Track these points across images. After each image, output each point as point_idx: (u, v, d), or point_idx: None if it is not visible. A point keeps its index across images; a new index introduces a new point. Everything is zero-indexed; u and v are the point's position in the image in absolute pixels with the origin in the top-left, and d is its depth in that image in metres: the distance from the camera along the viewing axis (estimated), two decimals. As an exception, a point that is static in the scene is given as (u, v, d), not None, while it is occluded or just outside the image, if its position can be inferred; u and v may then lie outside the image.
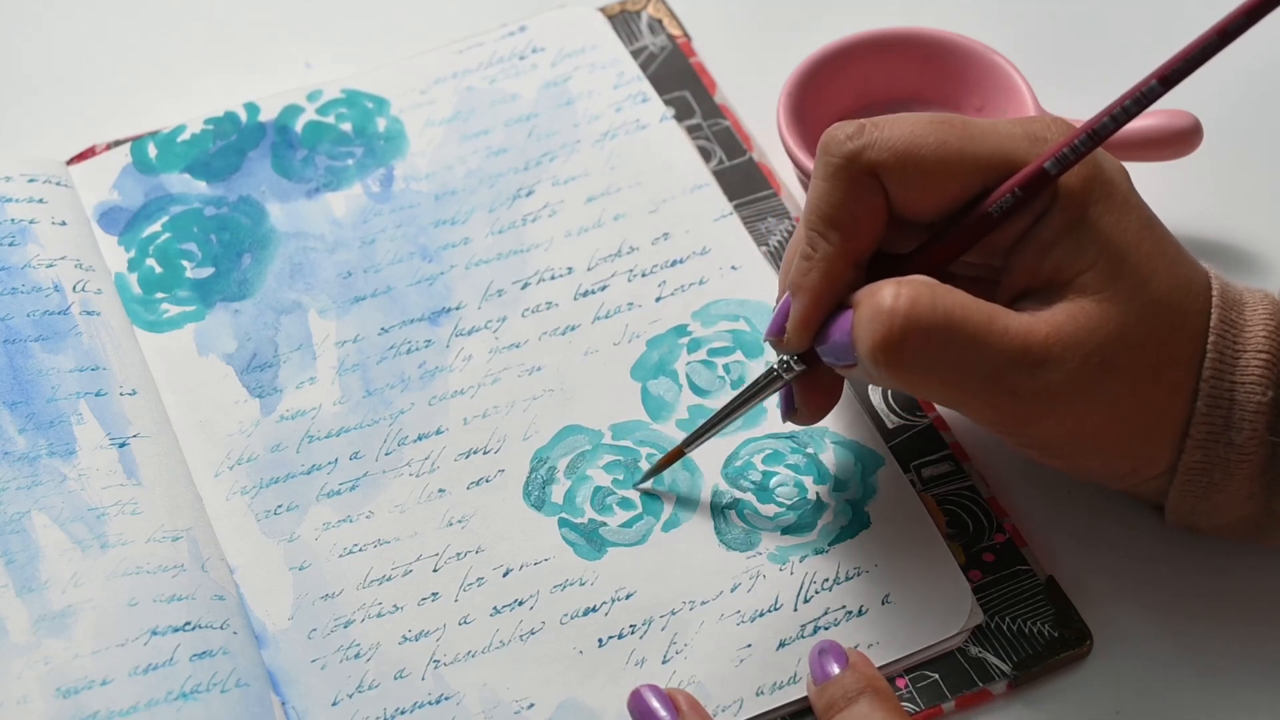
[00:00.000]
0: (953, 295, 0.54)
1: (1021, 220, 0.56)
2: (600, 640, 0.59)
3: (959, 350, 0.54)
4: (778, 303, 0.58)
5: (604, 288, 0.69)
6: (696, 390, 0.65)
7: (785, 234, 0.70)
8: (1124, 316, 0.54)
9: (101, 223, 0.71)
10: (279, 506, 0.63)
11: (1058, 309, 0.55)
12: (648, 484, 0.63)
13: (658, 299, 0.68)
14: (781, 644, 0.59)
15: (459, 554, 0.62)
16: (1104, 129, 0.53)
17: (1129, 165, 0.58)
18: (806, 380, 0.59)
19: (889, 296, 0.54)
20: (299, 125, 0.74)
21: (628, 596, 0.60)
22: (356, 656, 0.59)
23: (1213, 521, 0.58)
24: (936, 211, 0.57)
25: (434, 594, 0.61)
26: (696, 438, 0.62)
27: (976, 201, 0.56)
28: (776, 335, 0.58)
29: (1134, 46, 0.77)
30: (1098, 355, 0.54)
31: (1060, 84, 0.72)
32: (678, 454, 0.62)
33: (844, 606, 0.60)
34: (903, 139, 0.55)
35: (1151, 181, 0.63)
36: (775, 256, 0.69)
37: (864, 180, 0.56)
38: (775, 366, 0.59)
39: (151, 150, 0.73)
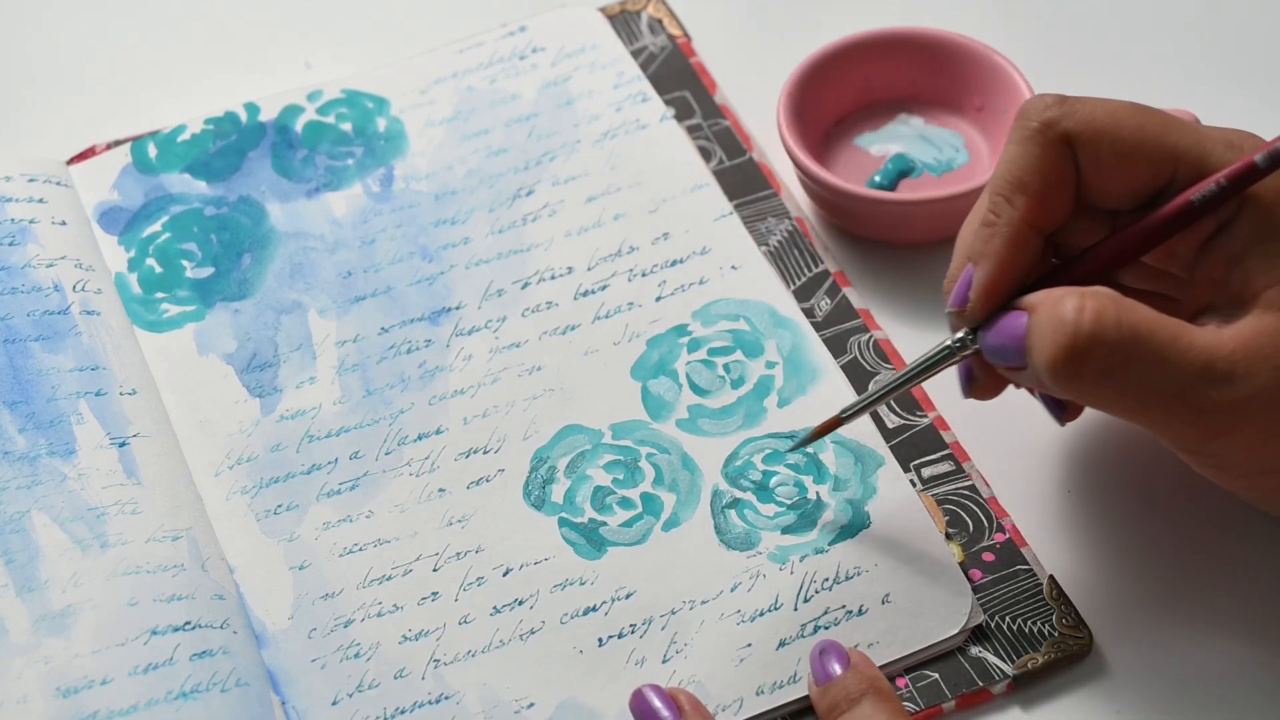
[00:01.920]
0: (1136, 310, 0.53)
1: (1205, 226, 0.55)
2: (600, 640, 0.59)
3: (1142, 366, 0.52)
4: (951, 280, 0.57)
5: (604, 287, 0.69)
6: (696, 390, 0.65)
7: (785, 234, 0.70)
8: None
9: (101, 223, 0.71)
10: (279, 506, 0.63)
11: (1244, 323, 0.53)
12: (800, 448, 0.62)
13: (658, 299, 0.68)
14: (782, 643, 0.59)
15: (459, 553, 0.62)
16: None
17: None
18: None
19: (1072, 309, 0.52)
20: (299, 125, 0.74)
21: (628, 596, 0.60)
22: (356, 656, 0.59)
23: None
24: (1123, 196, 0.56)
25: (434, 594, 0.61)
26: (857, 407, 0.60)
27: (1161, 196, 0.55)
28: (959, 306, 0.56)
29: (1134, 46, 0.77)
30: None
31: (1060, 84, 0.72)
32: (836, 423, 0.60)
33: (844, 606, 0.60)
34: (1102, 115, 0.55)
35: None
36: (775, 256, 0.69)
37: (1057, 147, 0.55)
38: (950, 343, 0.57)
39: (151, 150, 0.73)
